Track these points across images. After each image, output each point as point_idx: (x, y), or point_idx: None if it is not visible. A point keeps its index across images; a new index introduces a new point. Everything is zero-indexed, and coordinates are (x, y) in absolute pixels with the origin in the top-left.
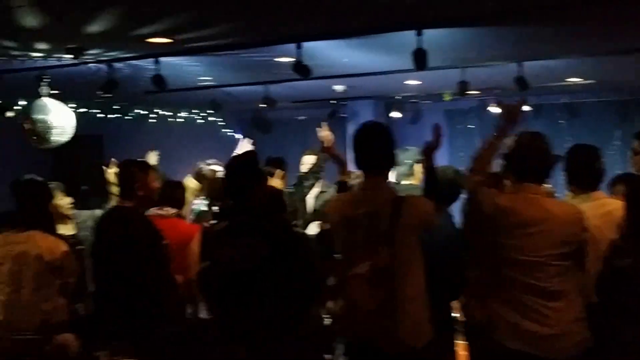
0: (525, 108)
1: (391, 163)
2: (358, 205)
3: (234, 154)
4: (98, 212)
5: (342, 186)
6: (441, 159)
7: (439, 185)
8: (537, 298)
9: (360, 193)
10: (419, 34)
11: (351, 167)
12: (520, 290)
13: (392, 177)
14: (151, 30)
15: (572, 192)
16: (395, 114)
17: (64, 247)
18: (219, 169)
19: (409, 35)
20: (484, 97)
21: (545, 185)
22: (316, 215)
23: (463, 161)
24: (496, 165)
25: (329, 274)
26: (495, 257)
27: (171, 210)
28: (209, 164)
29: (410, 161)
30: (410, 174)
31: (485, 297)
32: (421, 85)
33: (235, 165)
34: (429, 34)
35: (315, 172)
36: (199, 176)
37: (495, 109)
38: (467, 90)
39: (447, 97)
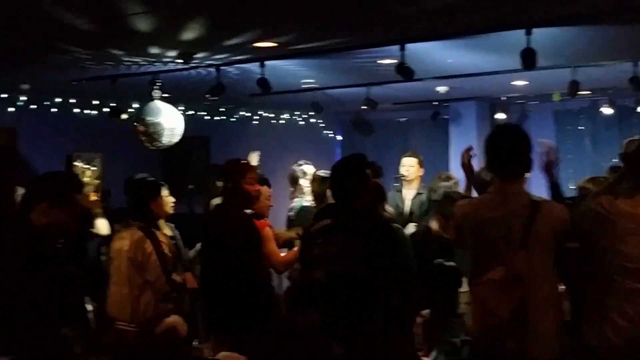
0: None
1: (527, 168)
2: (492, 209)
3: (342, 157)
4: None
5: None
6: None
7: (564, 199)
8: None
9: (493, 197)
10: (528, 33)
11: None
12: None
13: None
14: (257, 35)
15: None
16: (500, 115)
17: (147, 244)
18: (311, 170)
19: (517, 35)
20: (596, 97)
21: None
22: (413, 216)
23: (572, 164)
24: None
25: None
26: (610, 267)
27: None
28: (300, 165)
29: None
30: None
31: (596, 312)
32: (528, 85)
33: (343, 166)
34: (538, 32)
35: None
36: (292, 179)
37: (607, 110)
38: (578, 91)
39: (556, 98)
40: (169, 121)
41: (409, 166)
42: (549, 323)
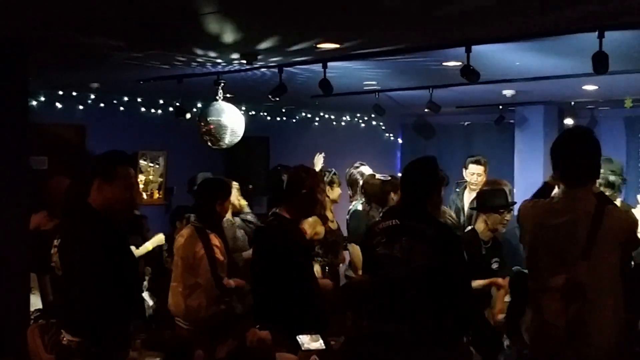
0: None
1: (595, 174)
2: (556, 214)
3: (401, 160)
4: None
5: (545, 188)
6: None
7: None
8: None
9: (559, 202)
10: (601, 36)
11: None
12: None
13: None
14: (320, 36)
15: None
16: (569, 121)
17: (199, 247)
18: (369, 171)
19: (589, 38)
20: None
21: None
22: (470, 221)
23: None
24: None
25: None
26: None
27: None
28: (357, 167)
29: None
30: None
31: None
32: (599, 90)
33: (417, 167)
34: (611, 35)
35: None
36: (351, 182)
37: None
38: None
39: (628, 104)
40: (232, 121)
41: (477, 174)
42: (610, 335)
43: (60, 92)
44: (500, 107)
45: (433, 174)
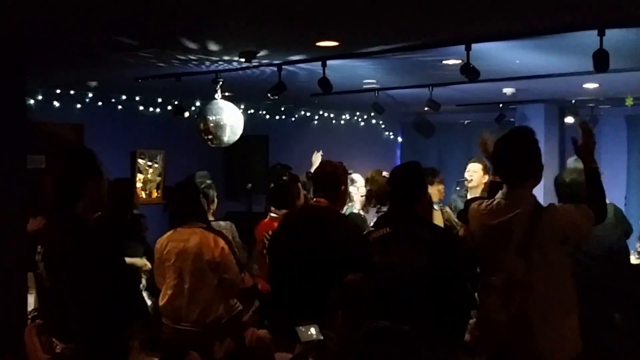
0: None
1: (536, 174)
2: (497, 214)
3: (401, 159)
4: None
5: (494, 186)
6: (620, 168)
7: (603, 192)
8: None
9: (500, 202)
10: (601, 34)
11: None
12: None
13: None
14: (320, 34)
15: None
16: (569, 119)
17: (222, 244)
18: (359, 178)
19: (589, 36)
20: None
21: None
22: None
23: None
24: None
25: None
26: None
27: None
28: (350, 173)
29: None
30: None
31: None
32: (600, 88)
33: (402, 171)
34: (612, 33)
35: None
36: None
37: None
38: None
39: (629, 102)
40: (231, 120)
41: (473, 172)
42: (556, 329)
43: (58, 91)
44: (501, 105)
45: (419, 178)
